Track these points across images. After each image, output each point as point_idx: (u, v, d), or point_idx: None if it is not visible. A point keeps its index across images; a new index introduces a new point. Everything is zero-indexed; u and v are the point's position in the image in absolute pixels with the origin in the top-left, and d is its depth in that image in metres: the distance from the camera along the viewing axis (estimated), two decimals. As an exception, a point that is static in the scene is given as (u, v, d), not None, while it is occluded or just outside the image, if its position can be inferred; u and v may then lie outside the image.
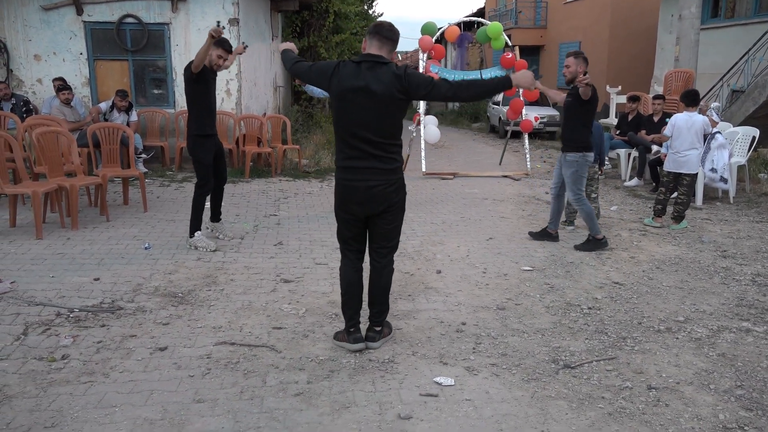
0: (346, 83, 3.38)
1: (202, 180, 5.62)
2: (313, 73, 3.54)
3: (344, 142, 3.47)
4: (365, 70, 3.37)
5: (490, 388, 3.27)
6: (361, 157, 3.44)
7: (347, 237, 3.68)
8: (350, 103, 3.39)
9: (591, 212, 5.96)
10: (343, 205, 3.57)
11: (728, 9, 14.81)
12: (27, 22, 9.59)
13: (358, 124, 3.40)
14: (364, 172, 3.45)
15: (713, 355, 3.72)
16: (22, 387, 3.16)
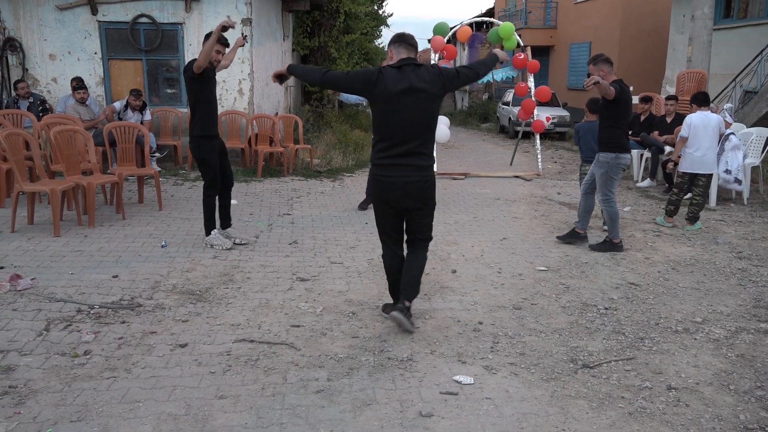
0: (393, 87, 3.59)
1: (210, 181, 5.59)
2: (351, 80, 3.72)
3: (386, 140, 3.68)
4: (409, 72, 3.62)
5: (509, 387, 3.28)
6: (402, 155, 3.66)
7: (386, 228, 3.94)
8: (398, 104, 3.60)
9: (616, 215, 5.94)
10: (382, 199, 3.82)
11: (741, 9, 14.74)
12: (42, 21, 9.66)
13: (405, 123, 3.62)
14: (404, 169, 3.68)
15: (732, 356, 3.71)
16: (47, 382, 3.20)
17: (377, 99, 3.65)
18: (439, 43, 10.61)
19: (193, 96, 5.42)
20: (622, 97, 5.71)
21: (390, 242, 3.97)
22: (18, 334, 3.74)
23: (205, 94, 5.44)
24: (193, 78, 5.32)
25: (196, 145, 5.52)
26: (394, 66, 3.66)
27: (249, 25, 9.96)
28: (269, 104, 11.69)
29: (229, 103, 10.26)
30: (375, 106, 3.71)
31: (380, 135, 3.71)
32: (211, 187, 5.61)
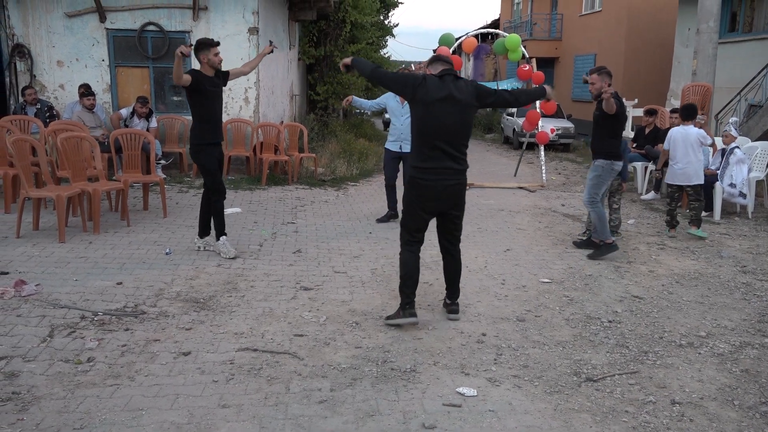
0: (434, 94, 3.89)
1: (213, 186, 5.60)
2: (397, 80, 4.04)
3: (426, 145, 3.95)
4: (449, 82, 3.95)
5: (512, 399, 3.27)
6: (441, 158, 3.94)
7: (415, 229, 4.15)
8: (437, 111, 3.90)
9: (603, 216, 6.14)
10: (419, 201, 4.05)
11: (746, 23, 14.77)
12: (51, 28, 9.74)
13: (442, 129, 3.91)
14: (442, 172, 3.96)
15: (736, 370, 3.70)
16: (50, 388, 3.20)
17: (418, 103, 3.93)
18: (444, 53, 10.64)
19: (189, 104, 5.50)
20: (621, 110, 5.95)
21: (414, 242, 4.19)
22: (22, 340, 3.75)
23: (200, 103, 5.45)
24: (185, 88, 5.37)
25: (193, 152, 5.62)
26: (435, 75, 3.97)
27: (256, 35, 10.01)
28: (274, 113, 11.73)
29: (235, 111, 10.30)
30: (415, 111, 3.99)
31: (420, 140, 3.98)
32: (217, 191, 5.63)
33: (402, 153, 7.35)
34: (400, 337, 4.02)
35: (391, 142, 7.41)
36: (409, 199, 4.11)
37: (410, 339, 4.01)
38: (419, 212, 4.09)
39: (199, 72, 5.43)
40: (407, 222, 4.17)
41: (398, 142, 7.34)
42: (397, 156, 7.40)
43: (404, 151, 7.34)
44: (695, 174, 7.03)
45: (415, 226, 4.15)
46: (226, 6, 9.91)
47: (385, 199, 7.79)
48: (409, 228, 4.17)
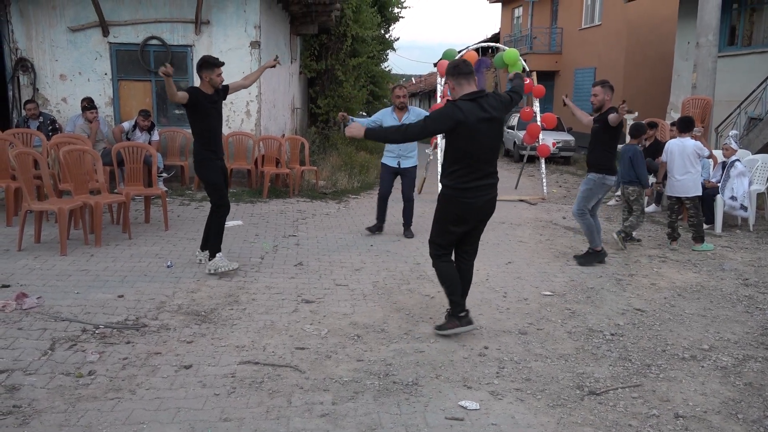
0: (472, 117, 3.91)
1: (218, 201, 5.56)
2: (434, 126, 4.04)
3: (469, 166, 4.00)
4: (483, 103, 3.97)
5: (515, 413, 3.26)
6: (481, 177, 4.05)
7: (448, 244, 4.25)
8: (477, 133, 3.94)
9: (591, 226, 6.29)
10: (460, 219, 4.11)
11: (745, 37, 14.86)
12: (54, 42, 9.81)
13: (483, 148, 4.00)
14: (483, 189, 4.08)
15: (740, 384, 3.68)
16: (51, 402, 3.19)
17: (460, 133, 3.94)
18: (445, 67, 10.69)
19: (190, 122, 5.50)
20: (620, 124, 6.08)
21: (448, 254, 4.28)
22: (23, 353, 3.74)
23: (199, 120, 5.43)
24: (184, 105, 5.38)
25: (198, 168, 5.60)
26: (467, 99, 3.95)
27: (258, 48, 10.08)
28: (276, 126, 11.77)
29: (236, 124, 10.34)
30: (454, 137, 3.98)
31: (461, 162, 4.00)
32: (221, 206, 5.59)
33: (400, 168, 7.39)
34: (402, 350, 4.01)
35: (389, 158, 7.39)
36: (446, 216, 4.15)
37: (412, 352, 4.00)
38: (454, 228, 4.15)
39: (197, 90, 5.42)
40: (440, 238, 4.23)
41: (396, 158, 7.35)
42: (394, 171, 7.41)
43: (402, 166, 7.40)
44: (693, 186, 7.07)
45: (448, 241, 4.23)
46: (228, 20, 9.98)
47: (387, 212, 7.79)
48: (443, 243, 4.24)
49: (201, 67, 5.42)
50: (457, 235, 4.20)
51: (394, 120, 7.11)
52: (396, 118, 7.12)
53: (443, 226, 4.19)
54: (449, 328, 4.24)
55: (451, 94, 4.12)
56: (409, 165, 7.44)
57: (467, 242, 4.32)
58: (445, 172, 4.12)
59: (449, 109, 3.95)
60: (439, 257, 4.28)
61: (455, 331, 4.22)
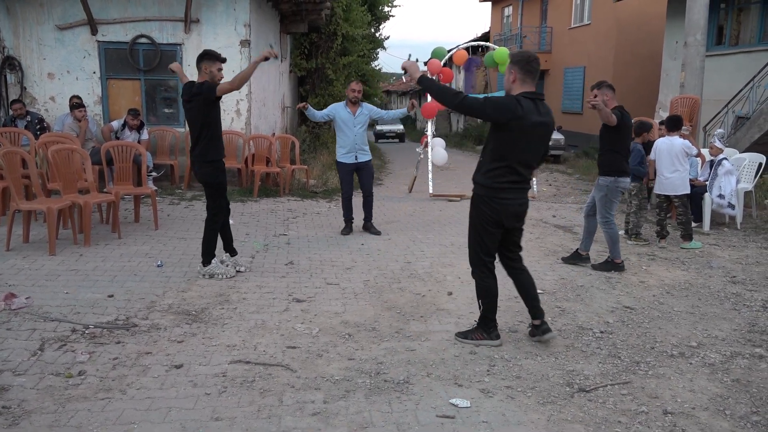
0: (530, 118, 3.73)
1: (219, 207, 5.37)
2: (489, 107, 3.76)
3: (511, 168, 3.84)
4: (539, 105, 3.81)
5: (506, 410, 3.27)
6: (521, 181, 3.92)
7: (492, 249, 4.08)
8: (530, 135, 3.79)
9: (617, 236, 6.11)
10: (498, 221, 3.95)
11: (732, 36, 14.97)
12: (42, 41, 9.74)
13: (530, 152, 3.86)
14: (518, 192, 3.94)
15: (727, 380, 3.72)
16: (41, 402, 3.17)
17: (512, 127, 3.74)
18: (436, 66, 10.72)
19: (202, 118, 5.12)
20: (623, 123, 5.89)
21: (491, 264, 4.10)
22: (12, 353, 3.72)
23: (213, 117, 5.21)
24: (212, 101, 5.07)
25: (211, 170, 5.26)
26: (528, 96, 3.76)
27: (248, 47, 10.05)
28: (266, 124, 11.75)
29: (227, 123, 10.30)
30: (505, 134, 3.78)
31: (504, 161, 3.82)
32: (220, 213, 5.38)
33: (358, 163, 7.30)
34: (393, 349, 4.02)
35: (345, 155, 7.28)
36: (482, 217, 3.94)
37: (403, 350, 4.01)
38: (494, 229, 3.96)
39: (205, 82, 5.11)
40: (482, 242, 4.02)
41: (353, 153, 7.27)
42: (353, 168, 7.32)
43: (360, 161, 7.29)
44: (682, 184, 7.15)
45: (492, 244, 4.03)
46: (217, 19, 9.95)
47: (375, 211, 7.80)
48: (486, 248, 4.03)
49: (202, 59, 5.13)
50: (495, 237, 4.02)
51: (348, 113, 7.21)
52: (350, 111, 7.22)
53: (480, 228, 3.99)
54: (475, 338, 4.14)
55: (506, 83, 3.91)
56: (366, 159, 7.39)
57: (508, 243, 4.14)
58: (481, 170, 3.92)
59: (511, 101, 3.72)
60: (483, 267, 4.07)
61: (480, 343, 4.11)
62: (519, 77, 3.82)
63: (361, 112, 7.28)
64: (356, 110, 7.26)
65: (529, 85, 3.83)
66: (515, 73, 3.83)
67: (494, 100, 3.80)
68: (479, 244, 4.04)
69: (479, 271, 4.10)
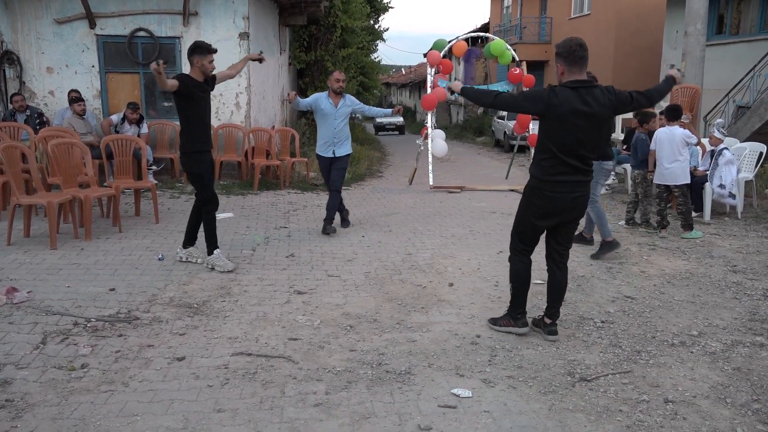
0: (567, 107, 3.68)
1: (208, 196, 5.38)
2: (522, 99, 3.87)
3: (557, 158, 3.77)
4: (584, 95, 3.70)
5: (507, 400, 3.28)
6: (571, 172, 3.80)
7: (531, 240, 4.04)
8: (570, 125, 3.71)
9: (602, 215, 6.29)
10: (544, 214, 3.89)
11: (733, 26, 14.93)
12: (40, 35, 9.71)
13: (575, 143, 3.74)
14: (572, 185, 3.83)
15: (728, 369, 3.73)
16: (44, 395, 3.18)
17: (548, 118, 3.75)
18: (435, 57, 10.70)
19: (180, 112, 5.26)
20: None
21: (528, 252, 4.09)
22: (14, 347, 3.73)
23: (192, 110, 5.24)
24: (174, 93, 5.12)
25: (186, 161, 5.40)
26: (568, 86, 3.71)
27: (246, 40, 10.02)
28: (266, 117, 11.73)
29: (226, 116, 10.30)
30: (545, 124, 3.80)
31: (547, 152, 3.80)
32: (210, 202, 5.41)
33: (335, 157, 6.95)
34: (394, 340, 4.03)
35: (323, 148, 6.96)
36: (530, 209, 3.92)
37: (405, 341, 4.02)
38: (539, 222, 3.93)
39: (187, 77, 5.19)
40: (524, 232, 4.02)
41: (331, 147, 6.92)
42: (330, 161, 6.99)
43: (337, 155, 6.93)
44: (682, 174, 7.15)
45: (533, 235, 4.02)
46: (216, 11, 9.92)
47: (376, 203, 7.80)
48: (525, 238, 4.04)
49: (193, 52, 5.18)
50: (540, 230, 3.99)
51: (329, 104, 6.84)
52: (332, 102, 6.85)
53: (526, 218, 3.97)
54: (503, 325, 4.16)
55: (557, 76, 3.89)
56: (343, 153, 7.00)
57: (558, 241, 4.06)
58: (533, 161, 3.93)
59: (544, 91, 3.75)
60: (519, 253, 4.07)
61: (509, 330, 4.13)
62: (566, 68, 3.79)
63: (343, 104, 6.92)
64: (339, 101, 6.88)
65: (577, 74, 3.76)
66: (561, 66, 3.81)
67: (526, 92, 3.84)
68: (520, 233, 4.05)
69: (513, 255, 4.11)
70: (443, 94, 10.68)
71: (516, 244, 4.09)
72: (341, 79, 6.90)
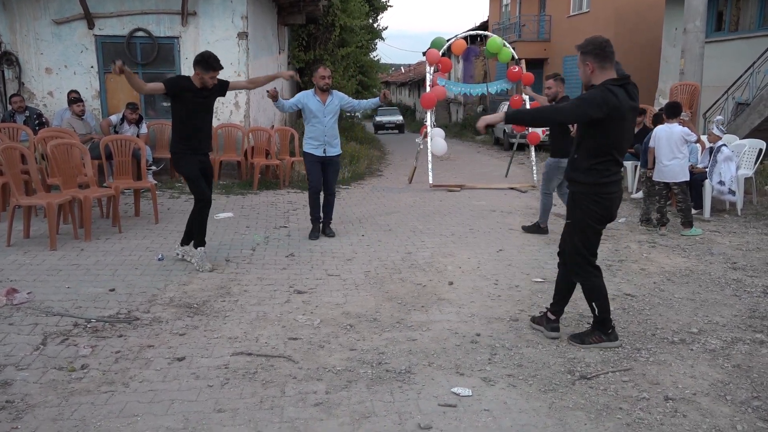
0: (626, 104, 3.63)
1: (198, 193, 5.42)
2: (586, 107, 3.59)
3: (612, 159, 3.74)
4: (630, 90, 3.69)
5: (507, 398, 3.29)
6: (619, 171, 3.83)
7: (596, 247, 3.95)
8: (626, 123, 3.70)
9: (549, 206, 7.17)
10: (603, 217, 3.84)
11: (732, 22, 14.91)
12: (39, 35, 9.71)
13: (626, 140, 3.78)
14: (620, 182, 3.86)
15: (728, 366, 3.73)
16: (44, 396, 3.18)
17: (612, 120, 3.60)
18: (434, 56, 10.69)
19: (172, 112, 5.41)
20: None
21: (596, 265, 3.95)
22: (15, 348, 3.73)
23: (180, 112, 5.32)
24: (171, 96, 5.26)
25: (174, 160, 5.54)
26: (617, 84, 3.62)
27: (245, 39, 10.01)
28: (265, 117, 11.73)
29: (225, 116, 10.30)
30: (605, 127, 3.63)
31: (606, 156, 3.70)
32: (201, 200, 5.44)
33: (325, 157, 6.66)
34: (394, 339, 4.03)
35: (314, 147, 6.61)
36: (591, 216, 3.80)
37: (405, 340, 4.02)
38: (601, 226, 3.87)
39: (184, 79, 5.30)
40: (589, 241, 3.88)
41: (322, 146, 6.61)
42: (320, 160, 6.67)
43: (328, 154, 6.66)
44: (681, 171, 7.16)
45: (597, 241, 3.92)
46: (215, 11, 9.91)
47: (375, 202, 7.78)
48: (592, 248, 3.91)
49: (197, 64, 5.21)
50: (601, 234, 3.92)
51: (317, 102, 6.58)
52: (319, 100, 6.59)
53: (589, 229, 3.84)
54: (594, 342, 3.96)
55: (584, 76, 3.74)
56: (335, 153, 6.74)
57: None
58: (581, 168, 3.75)
59: (605, 93, 3.56)
60: (589, 268, 3.91)
61: (603, 345, 3.95)
62: (597, 66, 3.67)
63: (331, 101, 6.63)
64: (326, 99, 6.61)
65: (610, 71, 3.67)
66: (591, 64, 3.68)
67: (589, 99, 3.60)
68: (585, 245, 3.88)
69: (584, 272, 3.92)
70: (442, 92, 10.68)
71: (581, 259, 3.91)
72: (327, 76, 6.63)
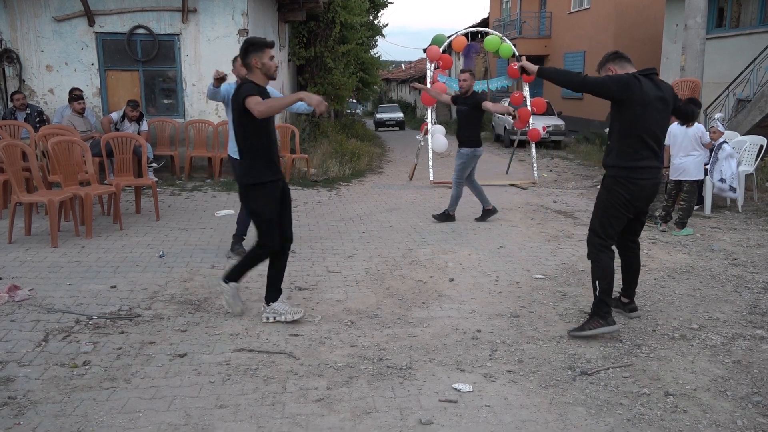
0: (651, 93, 3.85)
1: (265, 235, 4.12)
2: (612, 83, 3.86)
3: (641, 144, 3.90)
4: (657, 81, 3.94)
5: (508, 394, 3.29)
6: (651, 157, 3.94)
7: (615, 233, 4.08)
8: (653, 110, 3.86)
9: (460, 195, 7.56)
10: (630, 203, 3.96)
11: (733, 19, 14.88)
12: (39, 33, 9.70)
13: (656, 126, 3.90)
14: (653, 171, 3.97)
15: (729, 362, 3.73)
16: (46, 393, 3.19)
17: (636, 103, 3.82)
18: (435, 52, 10.69)
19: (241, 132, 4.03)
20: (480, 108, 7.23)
21: (610, 247, 4.10)
22: (17, 345, 3.74)
23: (261, 127, 4.01)
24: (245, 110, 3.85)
25: (245, 193, 4.20)
26: (642, 74, 3.88)
27: (246, 36, 10.00)
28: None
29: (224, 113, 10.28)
30: (630, 111, 3.85)
31: (632, 137, 3.89)
32: (266, 245, 4.14)
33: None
34: (395, 335, 4.04)
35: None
36: (615, 201, 3.95)
37: (405, 336, 4.03)
38: (624, 213, 3.98)
39: (258, 86, 3.96)
40: (609, 225, 4.01)
41: None
42: None
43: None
44: (695, 169, 7.14)
45: (618, 227, 4.04)
46: (215, 8, 9.90)
47: (376, 199, 7.78)
48: (610, 232, 4.03)
49: (247, 52, 3.95)
50: (624, 220, 4.01)
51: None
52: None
53: (612, 212, 3.98)
54: (594, 327, 3.98)
55: None
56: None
57: (633, 231, 4.24)
58: (611, 153, 3.97)
59: (631, 78, 3.84)
60: (603, 249, 4.02)
61: (601, 331, 3.97)
62: (618, 67, 4.00)
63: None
64: None
65: (630, 68, 3.99)
66: (613, 67, 4.01)
67: (615, 77, 3.87)
68: (604, 227, 4.03)
69: (597, 251, 4.05)
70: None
71: (597, 239, 4.05)
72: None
